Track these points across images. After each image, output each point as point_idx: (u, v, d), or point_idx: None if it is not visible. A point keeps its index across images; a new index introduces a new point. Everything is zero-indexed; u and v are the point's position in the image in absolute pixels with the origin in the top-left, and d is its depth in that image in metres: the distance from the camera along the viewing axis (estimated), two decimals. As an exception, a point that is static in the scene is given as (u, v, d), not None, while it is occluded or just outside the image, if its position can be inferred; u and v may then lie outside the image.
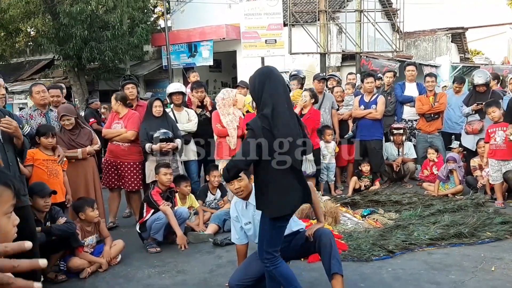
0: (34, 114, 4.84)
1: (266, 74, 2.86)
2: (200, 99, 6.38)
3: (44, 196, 3.83)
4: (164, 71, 18.40)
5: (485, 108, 5.98)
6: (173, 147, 5.26)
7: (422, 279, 3.58)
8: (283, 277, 2.90)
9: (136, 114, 5.49)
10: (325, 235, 3.08)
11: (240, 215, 3.38)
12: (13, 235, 1.32)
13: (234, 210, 3.43)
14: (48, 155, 4.33)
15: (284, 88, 2.90)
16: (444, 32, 23.24)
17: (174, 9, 19.23)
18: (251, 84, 2.93)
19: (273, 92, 2.78)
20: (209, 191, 5.60)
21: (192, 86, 6.60)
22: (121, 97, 5.46)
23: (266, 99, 2.77)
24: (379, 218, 5.18)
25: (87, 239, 4.15)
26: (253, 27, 13.62)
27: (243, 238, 3.43)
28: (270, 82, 2.80)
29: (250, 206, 3.32)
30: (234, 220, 3.43)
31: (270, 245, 2.86)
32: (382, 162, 6.93)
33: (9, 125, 3.26)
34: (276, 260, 2.88)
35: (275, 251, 2.88)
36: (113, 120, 5.43)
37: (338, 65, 16.96)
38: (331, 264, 2.99)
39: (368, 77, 7.05)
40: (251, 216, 3.32)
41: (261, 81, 2.81)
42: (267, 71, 2.91)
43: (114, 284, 3.78)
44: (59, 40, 15.25)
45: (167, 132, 5.24)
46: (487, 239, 4.44)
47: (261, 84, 2.80)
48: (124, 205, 5.93)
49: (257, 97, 2.84)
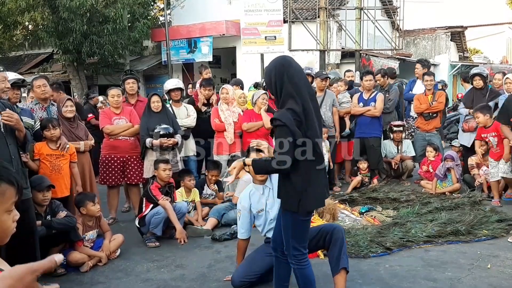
0: (35, 108, 4.85)
1: (283, 63, 2.62)
2: (207, 97, 6.39)
3: (41, 190, 3.84)
4: (163, 67, 18.37)
5: (472, 112, 6.08)
6: (173, 143, 5.28)
7: (419, 276, 3.62)
8: (305, 280, 2.81)
9: (133, 109, 5.53)
10: (338, 231, 3.11)
11: (255, 203, 3.42)
12: (12, 231, 1.34)
13: (247, 200, 3.44)
14: (53, 149, 4.35)
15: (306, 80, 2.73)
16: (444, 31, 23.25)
17: (174, 5, 19.18)
18: (265, 75, 2.71)
19: (295, 81, 2.57)
20: (207, 184, 5.68)
21: (201, 83, 6.60)
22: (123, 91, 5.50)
23: (288, 89, 2.55)
24: (377, 215, 5.22)
25: (87, 234, 4.17)
26: (253, 24, 13.61)
27: (247, 231, 3.46)
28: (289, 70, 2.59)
29: (267, 189, 3.41)
30: (245, 211, 3.43)
31: (297, 240, 2.72)
32: (380, 159, 6.97)
33: (10, 118, 3.26)
34: (303, 259, 2.77)
35: (303, 247, 2.75)
36: (110, 117, 5.32)
37: (338, 62, 16.95)
38: (341, 259, 3.03)
39: (367, 75, 7.07)
40: (265, 201, 3.39)
41: (280, 71, 2.59)
42: (282, 60, 2.66)
43: (113, 278, 3.80)
44: (59, 34, 15.18)
45: (167, 127, 5.26)
46: (484, 236, 4.48)
47: (280, 74, 2.59)
48: (122, 199, 5.94)
49: (277, 89, 2.62)
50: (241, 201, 3.52)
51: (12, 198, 1.32)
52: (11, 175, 1.33)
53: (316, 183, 2.65)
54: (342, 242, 3.06)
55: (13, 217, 1.33)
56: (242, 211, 3.48)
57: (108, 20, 15.00)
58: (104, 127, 5.29)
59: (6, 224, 1.31)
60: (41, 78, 5.01)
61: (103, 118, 5.35)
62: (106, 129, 5.28)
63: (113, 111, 5.35)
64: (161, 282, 3.67)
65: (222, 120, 5.92)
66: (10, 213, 1.32)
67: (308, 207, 2.65)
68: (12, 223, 1.33)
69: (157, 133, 5.18)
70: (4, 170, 1.33)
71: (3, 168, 1.34)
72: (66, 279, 3.79)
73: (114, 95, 5.31)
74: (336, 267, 3.02)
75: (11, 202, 1.32)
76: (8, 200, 1.30)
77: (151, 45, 19.53)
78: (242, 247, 3.53)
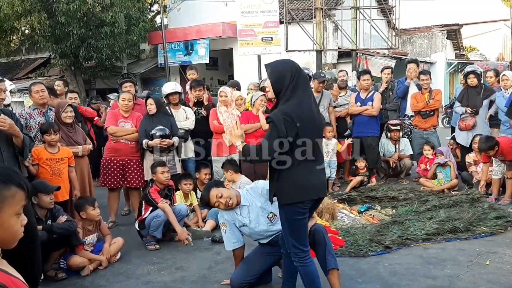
0: (33, 113, 4.86)
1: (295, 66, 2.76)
2: (197, 97, 6.42)
3: (49, 193, 3.88)
4: (160, 69, 18.40)
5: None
6: (168, 144, 5.28)
7: (418, 274, 3.64)
8: (309, 277, 2.85)
9: (141, 115, 5.55)
10: (318, 232, 3.09)
11: (237, 219, 3.38)
12: (20, 235, 1.35)
13: (229, 213, 3.41)
14: (52, 153, 4.36)
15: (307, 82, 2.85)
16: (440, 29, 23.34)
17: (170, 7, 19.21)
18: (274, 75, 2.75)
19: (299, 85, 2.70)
20: (198, 187, 5.63)
21: (191, 84, 6.64)
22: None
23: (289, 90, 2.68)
24: (376, 214, 5.24)
25: (88, 238, 4.18)
26: (249, 25, 13.63)
27: (240, 240, 3.41)
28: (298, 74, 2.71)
29: (245, 210, 3.33)
30: (229, 223, 3.39)
31: (296, 239, 2.78)
32: (378, 158, 7.00)
33: (3, 123, 3.24)
34: (305, 257, 2.82)
35: (303, 245, 2.80)
36: (117, 118, 5.40)
37: (334, 62, 17.01)
38: (328, 260, 3.04)
39: (364, 74, 7.11)
40: (246, 219, 3.33)
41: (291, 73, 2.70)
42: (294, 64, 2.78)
43: (114, 281, 3.81)
44: (55, 38, 15.19)
45: (163, 129, 5.27)
46: (482, 233, 4.51)
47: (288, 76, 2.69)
48: (122, 203, 5.95)
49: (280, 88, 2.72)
50: (223, 215, 3.45)
51: (22, 201, 1.33)
52: (21, 179, 1.35)
53: (307, 175, 2.71)
54: (324, 242, 3.06)
55: (21, 221, 1.34)
56: (226, 224, 3.43)
57: (105, 23, 15.02)
58: (108, 127, 5.36)
59: (14, 228, 1.32)
60: (38, 83, 5.03)
61: (110, 118, 5.43)
62: (109, 129, 5.34)
63: (122, 113, 5.42)
64: (162, 285, 3.68)
65: (220, 122, 5.94)
66: (19, 216, 1.33)
67: (299, 197, 2.70)
68: (20, 227, 1.34)
69: (154, 135, 5.21)
70: (14, 174, 1.35)
71: (13, 172, 1.36)
72: (67, 283, 3.80)
73: (125, 99, 5.39)
74: (325, 269, 3.06)
75: (20, 205, 1.33)
76: (18, 203, 1.32)
77: (148, 48, 19.57)
78: (239, 255, 3.49)
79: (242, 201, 3.36)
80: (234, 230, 3.42)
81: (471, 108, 6.57)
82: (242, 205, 3.36)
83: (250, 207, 3.37)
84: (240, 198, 3.36)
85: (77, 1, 14.04)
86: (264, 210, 3.34)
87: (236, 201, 3.33)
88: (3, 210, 1.28)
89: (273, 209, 3.26)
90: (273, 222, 3.34)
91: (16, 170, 1.39)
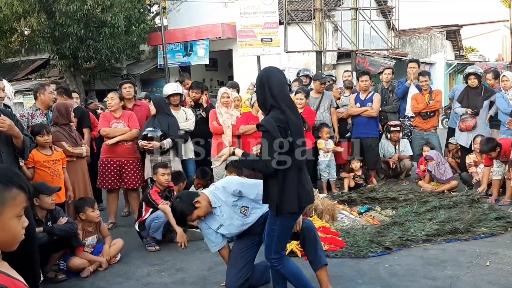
0: (35, 114, 4.90)
1: (265, 76, 2.87)
2: (194, 99, 6.43)
3: (51, 194, 3.88)
4: (160, 70, 18.40)
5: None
6: (155, 146, 5.17)
7: (419, 275, 3.64)
8: (292, 274, 2.97)
9: (133, 113, 5.54)
10: (308, 230, 3.15)
11: (211, 222, 3.37)
12: (21, 237, 1.34)
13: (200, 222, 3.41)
14: (47, 155, 4.34)
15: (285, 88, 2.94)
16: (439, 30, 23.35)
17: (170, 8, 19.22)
18: (255, 86, 2.97)
19: (275, 93, 2.79)
20: (194, 187, 5.61)
21: (191, 86, 6.67)
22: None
23: (269, 100, 2.79)
24: (376, 215, 5.23)
25: (88, 239, 4.17)
26: (249, 26, 13.62)
27: (220, 241, 3.41)
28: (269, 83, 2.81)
29: (217, 211, 3.33)
30: (205, 229, 3.40)
31: (279, 246, 2.92)
32: (378, 159, 6.99)
33: (2, 124, 3.23)
34: (283, 258, 2.95)
35: (282, 250, 2.96)
36: (109, 120, 5.39)
37: (334, 63, 17.01)
38: (320, 257, 3.15)
39: (363, 75, 7.10)
40: (220, 219, 3.33)
41: (262, 83, 2.83)
42: (264, 73, 2.91)
43: (114, 283, 3.80)
44: (55, 39, 15.18)
45: (154, 130, 5.25)
46: (482, 234, 4.51)
47: (262, 86, 2.83)
48: (122, 204, 5.95)
49: (262, 98, 2.86)
50: (199, 223, 3.45)
51: (23, 203, 1.32)
52: (22, 181, 1.34)
53: (295, 185, 2.77)
54: (315, 240, 3.16)
55: (22, 223, 1.33)
56: (202, 229, 3.44)
57: (105, 24, 15.01)
58: (101, 129, 5.39)
59: (15, 230, 1.31)
60: (50, 85, 5.25)
61: (102, 121, 5.46)
62: (102, 132, 5.37)
63: (113, 114, 5.41)
64: (162, 286, 3.68)
65: (220, 123, 5.93)
66: (20, 218, 1.32)
67: (287, 208, 2.77)
68: (21, 230, 1.33)
69: (144, 135, 5.21)
70: (15, 175, 1.34)
71: (14, 173, 1.35)
72: (67, 285, 3.80)
73: (109, 98, 5.45)
74: (318, 265, 3.15)
75: (21, 207, 1.32)
76: (19, 205, 1.31)
77: (148, 49, 19.56)
78: (226, 253, 3.48)
79: (213, 203, 3.34)
80: (211, 234, 3.38)
81: (472, 109, 6.57)
82: (213, 207, 3.35)
83: (221, 207, 3.36)
84: (209, 202, 3.33)
85: (76, 2, 14.04)
86: (236, 207, 3.34)
87: (208, 209, 3.32)
88: (4, 212, 1.28)
89: (244, 203, 3.31)
90: (247, 215, 3.35)
91: (17, 171, 1.38)
